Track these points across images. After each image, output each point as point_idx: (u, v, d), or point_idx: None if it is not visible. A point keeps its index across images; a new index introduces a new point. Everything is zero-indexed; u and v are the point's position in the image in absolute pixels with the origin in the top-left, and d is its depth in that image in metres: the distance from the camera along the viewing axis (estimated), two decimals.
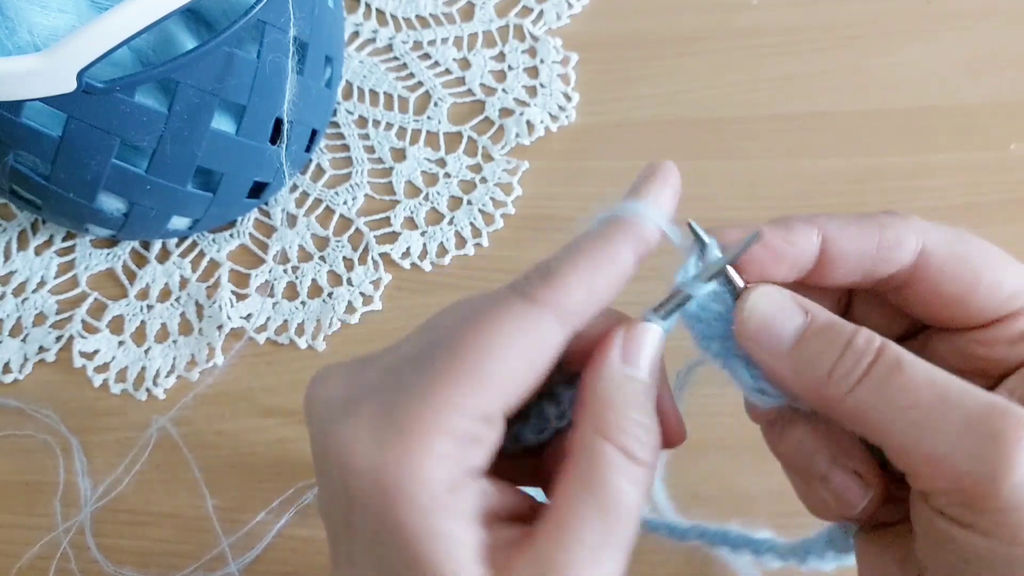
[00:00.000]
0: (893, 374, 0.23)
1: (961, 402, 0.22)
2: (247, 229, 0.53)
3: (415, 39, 0.59)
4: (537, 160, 0.53)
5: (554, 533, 0.23)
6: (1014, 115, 0.52)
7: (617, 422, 0.24)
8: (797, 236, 0.26)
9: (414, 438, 0.22)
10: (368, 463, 0.22)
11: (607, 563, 0.23)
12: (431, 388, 0.23)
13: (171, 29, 0.44)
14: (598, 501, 0.23)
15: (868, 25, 0.56)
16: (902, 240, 0.26)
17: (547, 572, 0.23)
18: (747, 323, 0.25)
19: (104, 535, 0.44)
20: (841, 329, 0.24)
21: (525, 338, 0.24)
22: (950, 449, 0.22)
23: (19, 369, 0.49)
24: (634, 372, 0.25)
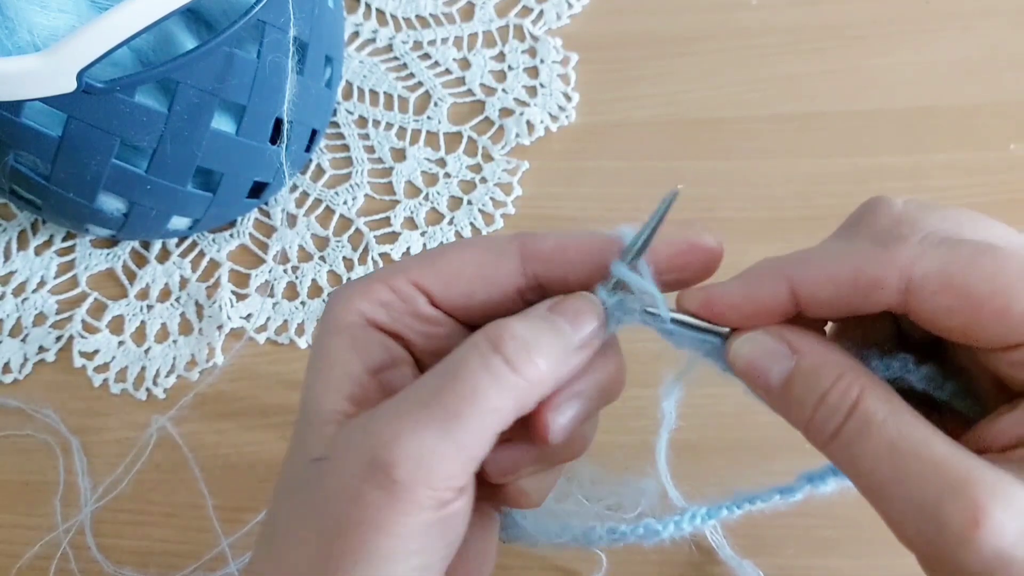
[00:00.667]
0: (859, 437, 0.23)
1: (917, 480, 0.22)
2: (247, 229, 0.53)
3: (415, 39, 0.59)
4: (537, 160, 0.53)
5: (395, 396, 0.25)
6: (1014, 115, 0.52)
7: (503, 324, 0.25)
8: (762, 295, 0.25)
9: (361, 281, 0.28)
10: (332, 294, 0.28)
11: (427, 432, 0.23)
12: (398, 262, 0.29)
13: (171, 29, 0.44)
14: (442, 372, 0.24)
15: (868, 25, 0.56)
16: (881, 281, 0.23)
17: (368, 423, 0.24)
18: (735, 366, 0.26)
19: (104, 535, 0.44)
20: (822, 376, 0.24)
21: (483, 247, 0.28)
22: (905, 524, 0.22)
23: (19, 369, 0.49)
24: (555, 319, 0.26)
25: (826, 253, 0.25)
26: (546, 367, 0.25)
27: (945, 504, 0.21)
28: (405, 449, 0.23)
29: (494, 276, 0.27)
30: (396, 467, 0.23)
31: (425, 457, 0.23)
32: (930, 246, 0.23)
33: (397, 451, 0.23)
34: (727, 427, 0.43)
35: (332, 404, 0.26)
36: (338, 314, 0.27)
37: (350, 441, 0.24)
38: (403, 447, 0.23)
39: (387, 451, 0.23)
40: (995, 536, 0.21)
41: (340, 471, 0.24)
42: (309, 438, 0.26)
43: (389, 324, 0.27)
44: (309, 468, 0.25)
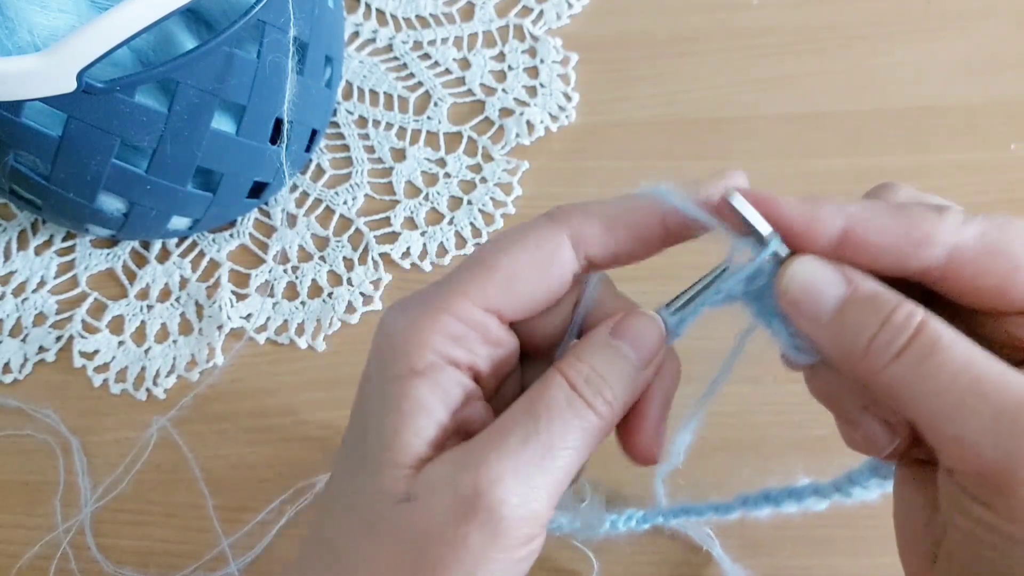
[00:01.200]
0: (930, 354, 0.23)
1: (995, 391, 0.22)
2: (247, 229, 0.53)
3: (415, 39, 0.59)
4: (537, 160, 0.53)
5: (483, 434, 0.25)
6: (1014, 115, 0.52)
7: (573, 361, 0.26)
8: (818, 217, 0.25)
9: (428, 312, 0.26)
10: (390, 324, 0.27)
11: (527, 473, 0.24)
12: (451, 277, 0.27)
13: (171, 29, 0.44)
14: (532, 412, 0.25)
15: (868, 25, 0.56)
16: (933, 239, 0.24)
17: (460, 465, 0.24)
18: (787, 291, 0.25)
19: (104, 535, 0.44)
20: (883, 301, 0.24)
21: (535, 244, 0.27)
22: (977, 437, 0.22)
23: (19, 369, 0.49)
24: (619, 344, 0.27)
25: (889, 207, 0.25)
26: (617, 402, 0.26)
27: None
28: (511, 489, 0.24)
29: (553, 276, 0.27)
30: (503, 505, 0.24)
31: (529, 496, 0.24)
32: (969, 217, 0.24)
33: (502, 491, 0.24)
34: (727, 427, 0.43)
35: (416, 449, 0.25)
36: (416, 354, 0.26)
37: (443, 482, 0.24)
38: (508, 487, 0.24)
39: (493, 491, 0.24)
40: None
41: (433, 513, 0.24)
42: (386, 481, 0.25)
43: (466, 360, 0.26)
44: (390, 510, 0.25)
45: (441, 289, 0.27)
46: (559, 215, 0.27)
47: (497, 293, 0.26)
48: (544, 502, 0.25)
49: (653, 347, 0.27)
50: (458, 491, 0.24)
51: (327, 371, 0.48)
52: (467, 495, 0.24)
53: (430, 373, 0.26)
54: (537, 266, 0.27)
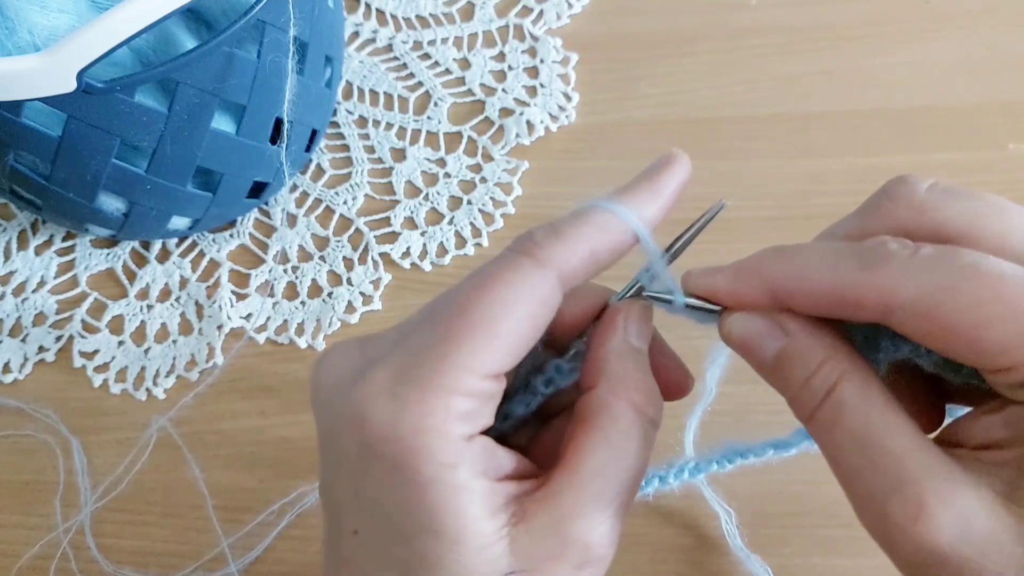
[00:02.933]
0: (831, 423, 0.24)
1: (873, 472, 0.23)
2: (247, 229, 0.53)
3: (415, 39, 0.59)
4: (537, 160, 0.53)
5: (574, 480, 0.25)
6: (1014, 115, 0.52)
7: (633, 384, 0.27)
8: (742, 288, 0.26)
9: (433, 398, 0.24)
10: (388, 424, 0.24)
11: (617, 511, 0.25)
12: (445, 349, 0.24)
13: (171, 29, 0.44)
14: (617, 451, 0.26)
15: (868, 25, 0.56)
16: (861, 304, 0.23)
17: (564, 516, 0.25)
18: (730, 341, 0.27)
19: (104, 535, 0.44)
20: (807, 359, 0.25)
21: (530, 299, 0.25)
22: (862, 508, 0.23)
23: (19, 369, 0.49)
24: (637, 343, 0.28)
25: (811, 260, 0.25)
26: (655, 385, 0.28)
27: (892, 496, 0.22)
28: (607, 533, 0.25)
29: (547, 319, 0.26)
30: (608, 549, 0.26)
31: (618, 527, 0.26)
32: (916, 270, 0.23)
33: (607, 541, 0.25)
34: (727, 427, 0.43)
35: (488, 528, 0.24)
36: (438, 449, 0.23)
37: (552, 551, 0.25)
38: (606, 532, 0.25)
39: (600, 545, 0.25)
40: (932, 534, 0.22)
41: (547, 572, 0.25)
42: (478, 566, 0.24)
43: (479, 428, 0.25)
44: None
45: (431, 363, 0.24)
46: (540, 254, 0.25)
47: (497, 359, 0.25)
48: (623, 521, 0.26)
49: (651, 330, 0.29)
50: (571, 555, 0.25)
51: None
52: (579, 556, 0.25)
53: (460, 459, 0.24)
54: (534, 321, 0.25)
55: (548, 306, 0.25)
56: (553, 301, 0.26)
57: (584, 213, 0.27)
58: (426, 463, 0.23)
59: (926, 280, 0.22)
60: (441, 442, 0.24)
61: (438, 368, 0.24)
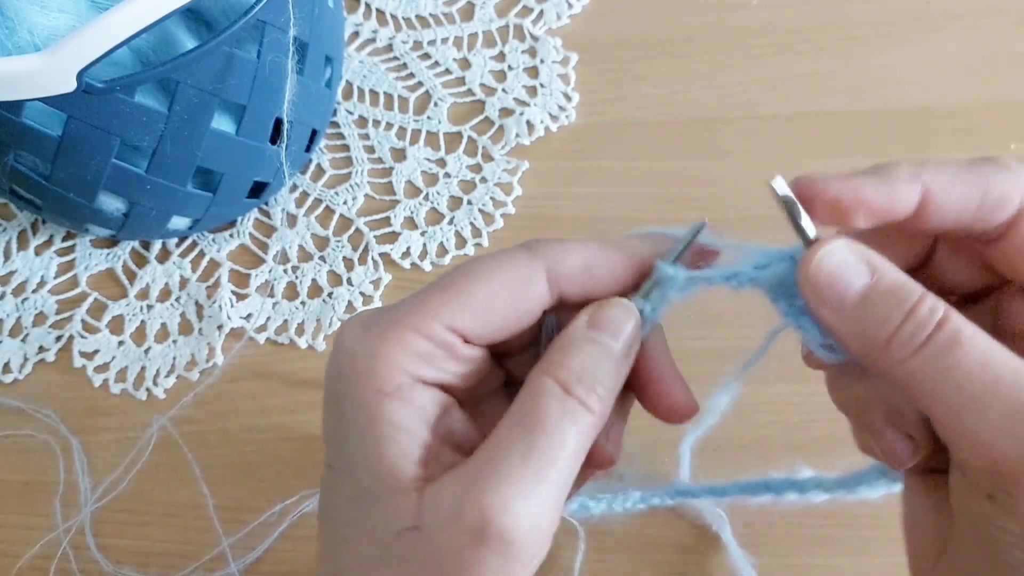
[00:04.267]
0: (950, 349, 0.23)
1: (1011, 388, 0.22)
2: (247, 229, 0.53)
3: (415, 39, 0.59)
4: (537, 160, 0.53)
5: (481, 455, 0.25)
6: (1014, 115, 0.52)
7: (561, 360, 0.26)
8: (899, 191, 0.25)
9: (392, 330, 0.25)
10: (351, 344, 0.26)
11: (533, 491, 0.24)
12: (420, 297, 0.26)
13: (171, 29, 0.44)
14: (527, 425, 0.25)
15: (868, 25, 0.56)
16: (1007, 199, 0.25)
17: (467, 484, 0.24)
18: (811, 278, 0.25)
19: (104, 535, 0.44)
20: (906, 294, 0.24)
21: (510, 274, 0.26)
22: (991, 433, 0.22)
23: (19, 369, 0.49)
24: (597, 335, 0.26)
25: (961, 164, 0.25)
26: (609, 394, 0.26)
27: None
28: (518, 513, 0.24)
29: (524, 306, 0.26)
30: (513, 530, 0.23)
31: (538, 517, 0.24)
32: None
33: (511, 516, 0.23)
34: (727, 427, 0.43)
35: (406, 473, 0.25)
36: (384, 375, 0.25)
37: (448, 509, 0.24)
38: (517, 510, 0.24)
39: (501, 517, 0.23)
40: None
41: (442, 540, 0.24)
42: (387, 510, 0.25)
43: (433, 377, 0.26)
44: (401, 541, 0.25)
45: (406, 307, 0.26)
46: (538, 248, 0.27)
47: (466, 317, 0.26)
48: (551, 515, 0.24)
49: (631, 335, 0.26)
50: (467, 520, 0.24)
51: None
52: (476, 523, 0.24)
53: (400, 393, 0.25)
54: (510, 296, 0.26)
55: (527, 286, 0.26)
56: (535, 286, 0.26)
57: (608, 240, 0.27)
58: (366, 384, 0.25)
59: None
60: (387, 369, 0.25)
61: (407, 310, 0.26)
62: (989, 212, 0.25)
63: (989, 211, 0.25)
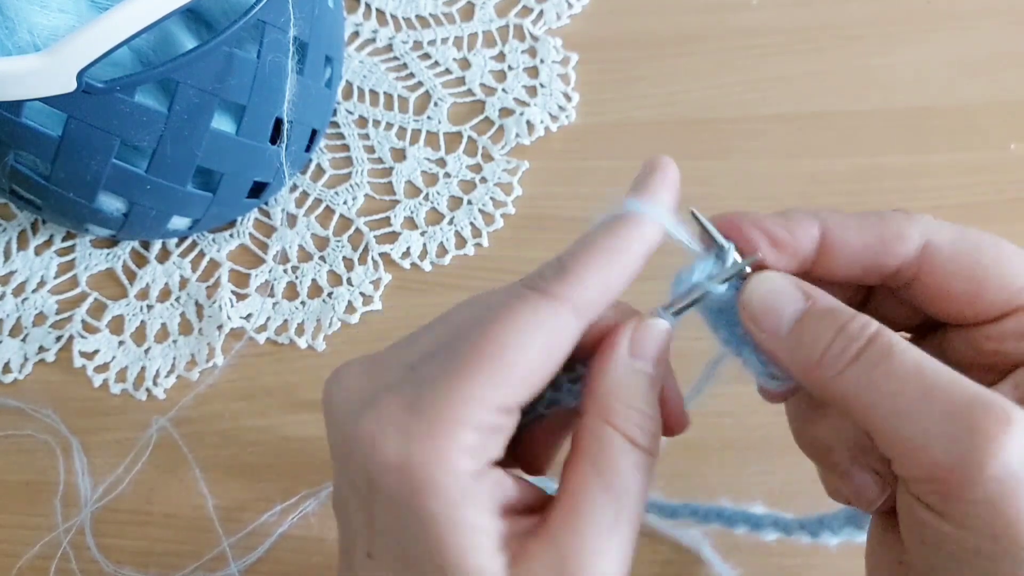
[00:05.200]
0: (882, 359, 0.23)
1: (945, 393, 0.22)
2: (247, 229, 0.53)
3: (415, 39, 0.59)
4: (537, 160, 0.53)
5: (569, 517, 0.24)
6: (1014, 115, 0.52)
7: (622, 411, 0.25)
8: (796, 226, 0.26)
9: (441, 430, 0.23)
10: (395, 455, 0.23)
11: (618, 544, 0.24)
12: (456, 382, 0.23)
13: (171, 29, 0.44)
14: (607, 484, 0.24)
15: (868, 25, 0.56)
16: (904, 234, 0.26)
17: (564, 555, 0.24)
18: (749, 305, 0.26)
19: (104, 535, 0.44)
20: (839, 313, 0.25)
21: (544, 333, 0.24)
22: (928, 439, 0.22)
23: (19, 369, 0.49)
24: (641, 365, 0.26)
25: (853, 214, 0.27)
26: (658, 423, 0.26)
27: (976, 412, 0.22)
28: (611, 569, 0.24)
29: (563, 355, 0.25)
30: None
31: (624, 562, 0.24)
32: (942, 224, 0.26)
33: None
34: (727, 427, 0.43)
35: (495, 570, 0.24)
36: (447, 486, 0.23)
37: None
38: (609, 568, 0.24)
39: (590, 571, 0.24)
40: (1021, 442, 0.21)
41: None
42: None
43: (491, 459, 0.24)
44: None
45: (443, 396, 0.23)
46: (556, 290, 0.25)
47: (513, 393, 0.24)
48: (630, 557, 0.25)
49: (666, 353, 0.27)
50: None
51: (327, 371, 0.47)
52: None
53: (470, 499, 0.23)
54: (550, 356, 0.25)
55: (563, 338, 0.25)
56: (568, 333, 0.25)
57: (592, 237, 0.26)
58: (432, 499, 0.23)
59: (956, 229, 0.26)
60: (448, 478, 0.23)
61: (448, 400, 0.23)
62: (888, 248, 0.26)
63: (888, 247, 0.26)
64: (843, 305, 0.25)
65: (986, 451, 0.21)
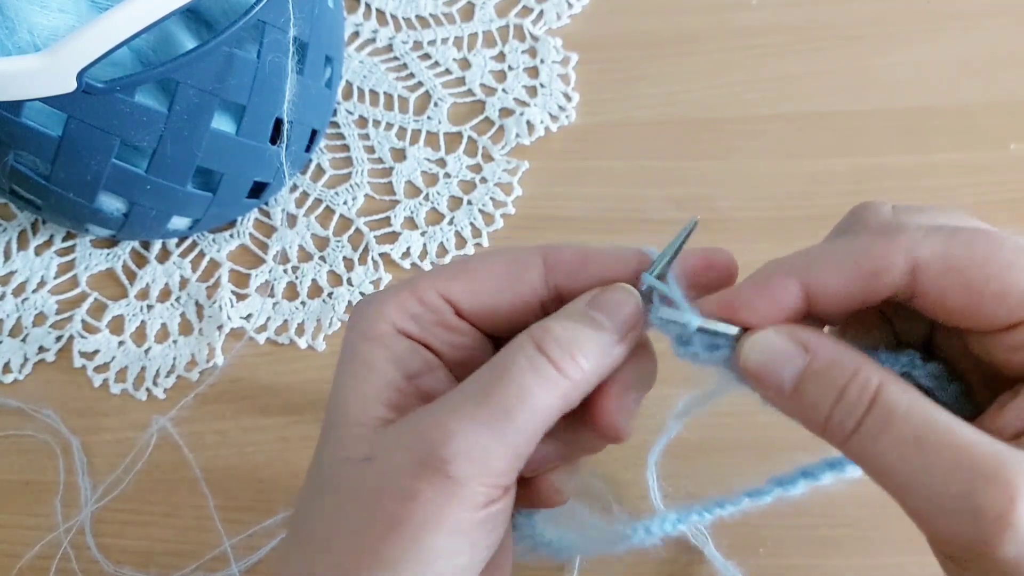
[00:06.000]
0: (882, 432, 0.23)
1: (949, 468, 0.22)
2: (247, 229, 0.53)
3: (415, 39, 0.59)
4: (537, 160, 0.53)
5: (443, 396, 0.25)
6: (1014, 115, 0.52)
7: (546, 324, 0.26)
8: (774, 291, 0.25)
9: (391, 291, 0.28)
10: (357, 306, 0.29)
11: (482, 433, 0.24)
12: (425, 272, 0.29)
13: (171, 29, 0.44)
14: (493, 372, 0.25)
15: (868, 25, 0.56)
16: (885, 264, 0.24)
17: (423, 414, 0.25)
18: (747, 368, 0.25)
19: (104, 535, 0.44)
20: (838, 373, 0.24)
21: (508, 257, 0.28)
22: (938, 515, 0.22)
23: (19, 369, 0.49)
24: (593, 313, 0.26)
25: (830, 247, 0.25)
26: (589, 366, 0.26)
27: (979, 490, 0.21)
28: (460, 445, 0.24)
29: (518, 288, 0.28)
30: (452, 463, 0.24)
31: (479, 453, 0.24)
32: (929, 232, 0.24)
33: (453, 447, 0.24)
34: (727, 427, 0.43)
35: (373, 410, 0.26)
36: (370, 323, 0.27)
37: (399, 441, 0.25)
38: (458, 443, 0.24)
39: (443, 448, 0.24)
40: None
41: (389, 470, 0.24)
42: (347, 441, 0.26)
43: (418, 334, 0.28)
44: (350, 468, 0.25)
45: (413, 277, 0.29)
46: (543, 245, 0.28)
47: (458, 287, 0.28)
48: (502, 462, 0.24)
49: (630, 319, 0.26)
50: (411, 449, 0.24)
51: (327, 371, 0.47)
52: (420, 453, 0.24)
53: (381, 338, 0.27)
54: (505, 277, 0.28)
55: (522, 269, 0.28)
56: (529, 270, 0.28)
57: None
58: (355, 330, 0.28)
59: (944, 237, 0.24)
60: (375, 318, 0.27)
61: (410, 279, 0.28)
62: (874, 284, 0.24)
63: (874, 283, 0.24)
64: (844, 357, 0.24)
65: (995, 534, 0.21)
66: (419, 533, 0.23)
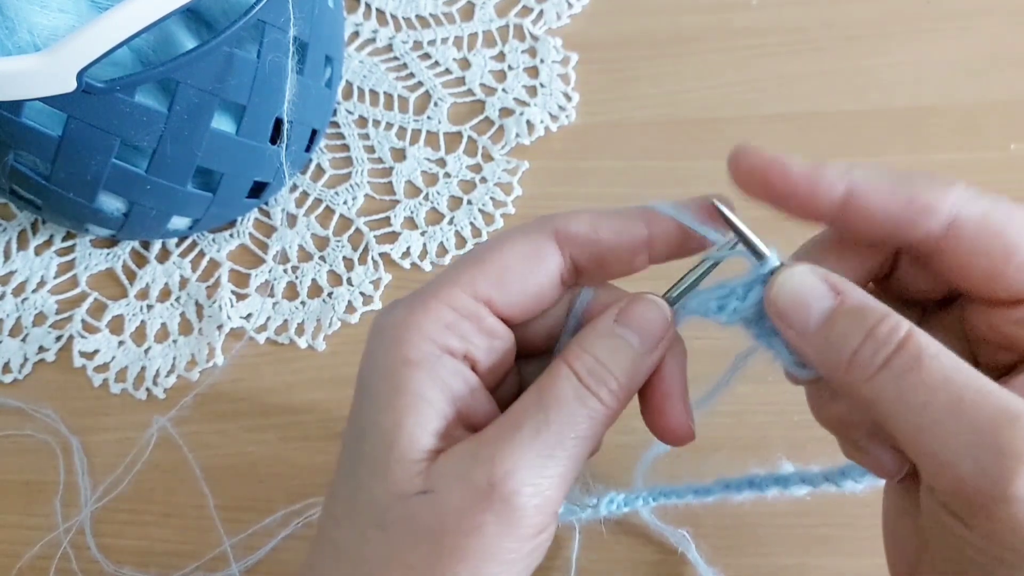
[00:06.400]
0: (912, 370, 0.23)
1: (973, 407, 0.22)
2: (247, 229, 0.53)
3: (415, 39, 0.59)
4: (537, 160, 0.53)
5: (497, 425, 0.26)
6: (1014, 115, 0.52)
7: (579, 353, 0.27)
8: (819, 182, 0.25)
9: (419, 301, 0.27)
10: (381, 320, 0.28)
11: (541, 464, 0.25)
12: (444, 271, 0.28)
13: (171, 29, 0.44)
14: (543, 402, 0.26)
15: (868, 25, 0.56)
16: (934, 208, 0.24)
17: (478, 449, 0.25)
18: (776, 302, 0.25)
19: (104, 535, 0.44)
20: (869, 313, 0.24)
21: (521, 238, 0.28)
22: (955, 456, 0.22)
23: (19, 369, 0.49)
24: (623, 332, 0.27)
25: (890, 172, 0.26)
26: (624, 390, 0.27)
27: (1003, 428, 0.21)
28: (524, 477, 0.24)
29: (540, 267, 0.28)
30: (517, 496, 0.24)
31: (542, 486, 0.25)
32: (976, 194, 0.25)
33: (517, 481, 0.24)
34: (727, 427, 0.43)
35: (424, 442, 0.26)
36: (411, 344, 0.26)
37: (458, 473, 0.25)
38: (522, 476, 0.24)
39: (508, 480, 0.24)
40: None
41: (450, 504, 0.25)
42: (399, 475, 0.25)
43: (460, 348, 0.27)
44: (405, 504, 0.25)
45: (432, 283, 0.28)
46: (548, 217, 0.28)
47: (487, 283, 0.27)
48: (556, 491, 0.25)
49: (658, 332, 0.27)
50: (474, 482, 0.24)
51: (327, 371, 0.48)
52: (482, 486, 0.24)
53: (426, 362, 0.26)
54: (525, 259, 0.27)
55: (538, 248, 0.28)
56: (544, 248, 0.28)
57: None
58: (390, 353, 0.26)
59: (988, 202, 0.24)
60: (414, 337, 0.26)
61: (433, 284, 0.27)
62: (915, 219, 0.25)
63: (915, 218, 0.25)
64: (873, 302, 0.24)
65: (1014, 472, 0.21)
66: (481, 565, 0.24)
